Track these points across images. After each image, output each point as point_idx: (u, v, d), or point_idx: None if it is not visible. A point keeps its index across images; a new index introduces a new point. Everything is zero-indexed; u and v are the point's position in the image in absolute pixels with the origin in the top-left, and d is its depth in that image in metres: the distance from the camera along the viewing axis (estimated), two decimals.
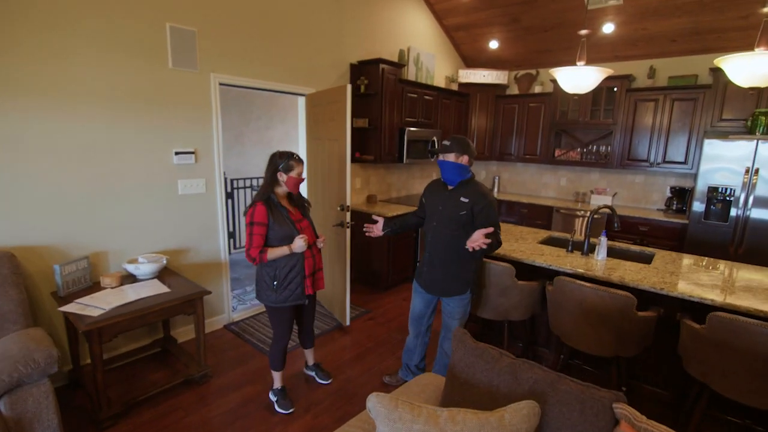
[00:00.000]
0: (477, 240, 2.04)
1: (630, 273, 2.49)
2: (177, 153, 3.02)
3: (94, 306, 2.31)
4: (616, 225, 2.84)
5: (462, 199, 2.26)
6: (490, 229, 2.05)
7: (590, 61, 5.03)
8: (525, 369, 1.28)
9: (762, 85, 2.24)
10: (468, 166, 2.30)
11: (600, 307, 2.20)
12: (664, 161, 4.55)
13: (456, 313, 2.43)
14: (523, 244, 3.09)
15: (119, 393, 2.56)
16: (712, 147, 3.85)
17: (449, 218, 2.29)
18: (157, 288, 2.61)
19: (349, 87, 3.10)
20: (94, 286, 2.60)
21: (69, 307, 2.29)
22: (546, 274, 2.72)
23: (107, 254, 2.79)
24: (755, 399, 1.90)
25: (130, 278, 2.75)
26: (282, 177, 2.25)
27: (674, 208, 4.62)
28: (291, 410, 2.46)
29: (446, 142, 2.28)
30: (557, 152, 5.39)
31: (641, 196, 5.04)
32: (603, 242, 2.77)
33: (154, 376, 2.79)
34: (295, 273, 2.29)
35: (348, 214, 3.34)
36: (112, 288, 2.58)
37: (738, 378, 1.91)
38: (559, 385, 1.21)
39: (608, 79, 4.65)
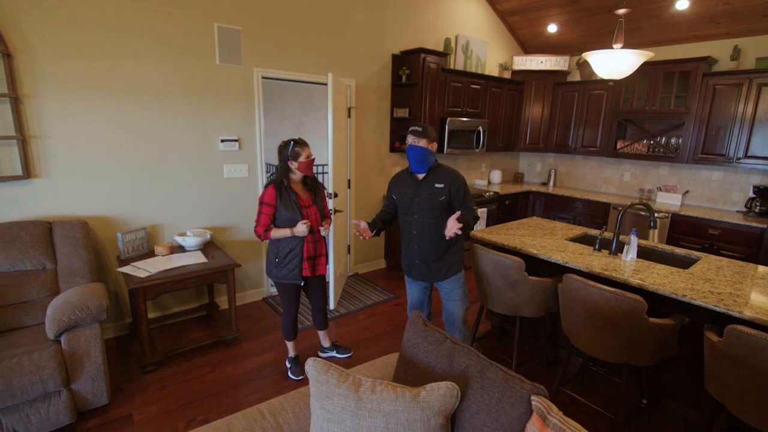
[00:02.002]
0: (452, 228, 2.09)
1: (655, 276, 2.28)
2: (223, 140, 3.37)
3: (144, 269, 2.73)
4: (652, 224, 2.59)
5: (437, 185, 2.28)
6: (458, 214, 2.11)
7: (661, 43, 4.56)
8: (462, 354, 1.31)
9: None
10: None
11: (605, 309, 2.07)
12: (746, 156, 3.96)
13: (455, 294, 2.47)
14: (548, 239, 2.96)
15: (165, 345, 3.00)
16: None
17: (430, 207, 2.30)
18: (199, 258, 2.98)
19: (331, 78, 3.22)
20: (149, 253, 3.06)
21: (125, 269, 2.74)
22: (564, 273, 2.59)
23: (162, 227, 3.24)
24: None
25: (179, 249, 3.17)
26: (293, 165, 2.42)
27: (757, 210, 4.01)
28: (301, 377, 2.68)
29: (417, 128, 2.25)
30: (620, 144, 4.93)
31: (718, 195, 4.44)
32: (633, 242, 2.56)
33: (195, 334, 3.20)
34: (294, 255, 2.47)
35: (331, 201, 3.49)
36: (162, 256, 3.01)
37: (755, 401, 1.70)
38: (487, 372, 1.22)
39: (681, 62, 4.21)
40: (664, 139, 4.61)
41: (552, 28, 5.04)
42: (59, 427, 2.14)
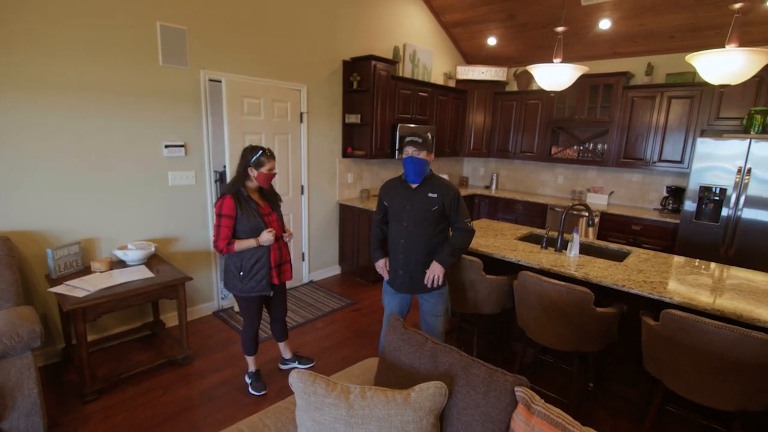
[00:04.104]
0: (434, 271, 2.24)
1: (596, 270, 2.51)
2: (167, 146, 3.16)
3: (81, 288, 2.47)
4: (590, 222, 2.85)
5: (430, 194, 2.25)
6: (440, 271, 2.25)
7: (587, 58, 5.02)
8: (444, 353, 1.35)
9: (732, 82, 2.22)
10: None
11: (558, 301, 2.24)
12: (661, 160, 4.49)
13: (438, 309, 2.40)
14: (500, 239, 3.13)
15: (106, 370, 2.73)
16: (705, 146, 3.78)
17: (422, 217, 2.25)
18: (143, 273, 2.76)
19: (225, 83, 3.16)
20: (85, 270, 2.77)
21: (58, 288, 2.46)
22: (518, 270, 2.75)
23: (99, 240, 2.96)
24: (708, 398, 1.91)
25: (119, 264, 2.91)
26: (252, 172, 2.33)
27: (670, 207, 4.56)
28: (263, 392, 2.58)
29: (417, 139, 2.21)
30: (554, 150, 5.36)
31: (638, 195, 4.98)
32: (575, 239, 2.79)
33: (140, 356, 2.95)
34: (261, 265, 2.38)
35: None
36: (101, 272, 2.75)
37: (689, 376, 1.93)
38: (471, 369, 1.28)
39: (605, 75, 4.66)
40: (591, 145, 5.08)
41: (492, 41, 5.35)
42: None
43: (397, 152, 4.64)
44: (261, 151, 2.32)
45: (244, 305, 2.47)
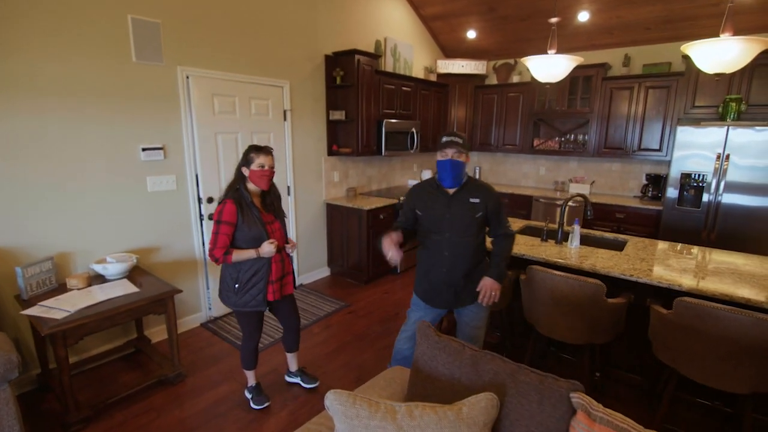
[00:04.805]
0: (489, 289, 2.04)
1: (601, 260, 2.51)
2: (144, 149, 2.93)
3: (58, 308, 2.24)
4: (588, 213, 2.86)
5: (472, 200, 2.04)
6: (490, 276, 2.05)
7: (566, 50, 5.05)
8: (486, 361, 1.28)
9: (727, 71, 2.26)
10: None
11: (570, 295, 2.22)
12: (640, 149, 4.60)
13: (480, 319, 2.21)
14: None
15: (90, 396, 2.51)
16: (685, 134, 3.90)
17: (465, 225, 2.04)
18: (126, 288, 2.54)
19: (190, 80, 3.03)
20: (60, 288, 2.53)
21: (32, 311, 2.22)
22: (521, 264, 2.72)
23: (74, 254, 2.71)
24: (722, 382, 1.93)
25: (98, 279, 2.68)
26: (245, 171, 2.14)
27: (650, 194, 4.69)
28: (266, 404, 2.44)
29: (458, 140, 1.99)
30: (536, 142, 5.41)
31: (618, 183, 5.10)
32: (576, 230, 2.79)
33: (127, 377, 2.73)
34: (259, 278, 2.19)
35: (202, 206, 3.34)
36: (78, 289, 2.51)
37: (705, 362, 1.95)
38: (518, 376, 1.21)
39: (584, 67, 4.71)
40: (573, 136, 5.16)
41: (471, 34, 5.32)
42: None
43: (383, 149, 4.54)
44: (251, 147, 2.13)
45: (242, 319, 2.30)
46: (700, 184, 3.88)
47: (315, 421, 1.37)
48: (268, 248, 2.12)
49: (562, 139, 5.23)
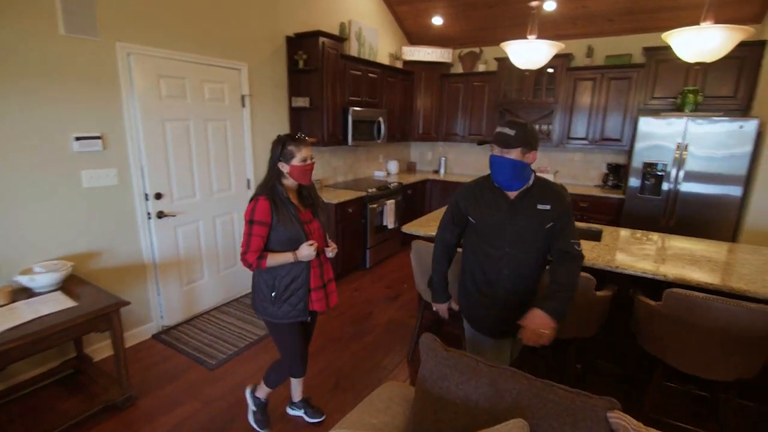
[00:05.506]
0: (538, 326, 1.56)
1: (585, 252, 2.45)
2: (78, 138, 2.51)
3: None
4: None
5: (540, 206, 1.66)
6: (539, 310, 1.59)
7: None
8: (506, 378, 1.13)
9: (708, 59, 2.25)
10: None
11: None
12: (603, 139, 4.70)
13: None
14: None
15: (23, 430, 2.12)
16: (647, 125, 3.99)
17: (531, 237, 1.68)
18: (61, 302, 2.16)
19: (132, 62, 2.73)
20: None
21: None
22: None
23: None
24: (710, 371, 1.94)
25: (24, 293, 2.26)
26: (284, 168, 1.83)
27: (610, 183, 4.82)
28: (266, 430, 2.18)
29: (508, 131, 1.57)
30: None
31: (580, 173, 5.21)
32: None
33: (67, 404, 2.35)
34: (298, 285, 1.89)
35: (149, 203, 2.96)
36: (0, 307, 2.10)
37: (695, 353, 1.94)
38: (546, 395, 1.07)
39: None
40: (537, 126, 5.18)
41: (437, 21, 5.17)
42: None
43: (350, 138, 4.30)
44: (290, 138, 1.81)
45: (279, 333, 1.97)
46: (661, 174, 4.01)
47: None
48: (307, 251, 1.82)
49: None
